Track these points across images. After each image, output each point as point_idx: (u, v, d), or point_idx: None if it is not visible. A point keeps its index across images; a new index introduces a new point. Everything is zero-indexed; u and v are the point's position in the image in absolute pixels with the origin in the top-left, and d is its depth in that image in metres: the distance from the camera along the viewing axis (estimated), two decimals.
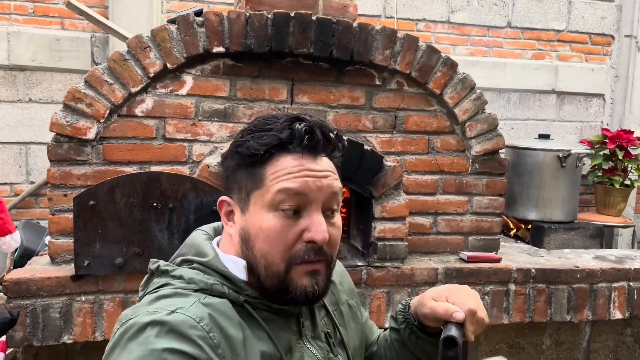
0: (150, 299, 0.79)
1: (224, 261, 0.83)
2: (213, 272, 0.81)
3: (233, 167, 0.83)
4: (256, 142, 0.80)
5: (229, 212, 0.85)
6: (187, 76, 1.87)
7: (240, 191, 0.82)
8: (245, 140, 0.81)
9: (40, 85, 3.23)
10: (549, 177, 2.48)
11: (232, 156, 0.84)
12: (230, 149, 0.84)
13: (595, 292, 2.11)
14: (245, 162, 0.82)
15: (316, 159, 0.81)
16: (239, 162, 0.82)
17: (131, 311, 0.78)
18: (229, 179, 0.85)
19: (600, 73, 4.04)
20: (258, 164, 0.81)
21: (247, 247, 0.82)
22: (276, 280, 0.80)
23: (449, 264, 2.04)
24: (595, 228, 2.53)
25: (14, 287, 1.67)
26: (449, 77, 2.04)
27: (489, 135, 2.11)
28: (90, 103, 1.78)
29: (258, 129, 0.81)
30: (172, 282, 0.81)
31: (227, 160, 0.84)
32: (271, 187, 0.79)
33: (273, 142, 0.79)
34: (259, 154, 0.80)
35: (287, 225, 0.79)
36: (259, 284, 0.82)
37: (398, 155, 2.07)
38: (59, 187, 1.79)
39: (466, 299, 0.86)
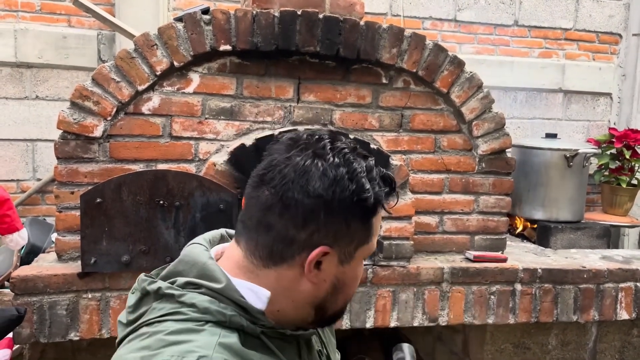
0: (160, 337, 0.70)
1: (239, 288, 0.77)
2: (227, 301, 0.75)
3: (348, 218, 0.76)
4: (375, 194, 0.77)
5: (318, 262, 0.78)
6: (193, 74, 1.87)
7: (349, 243, 0.79)
8: (366, 189, 0.76)
9: (47, 83, 3.24)
10: (555, 177, 2.47)
11: (350, 206, 0.76)
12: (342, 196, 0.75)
13: (602, 292, 2.10)
14: (366, 214, 0.78)
15: None
16: (359, 214, 0.77)
17: (138, 356, 0.69)
18: (337, 229, 0.77)
19: (607, 72, 4.01)
20: (372, 217, 0.79)
21: (333, 294, 0.81)
22: (336, 314, 0.84)
23: (455, 264, 2.03)
24: (602, 228, 2.51)
25: (21, 284, 1.67)
26: (456, 76, 2.03)
27: (495, 135, 2.10)
28: (97, 101, 1.78)
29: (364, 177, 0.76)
30: (183, 311, 0.73)
31: (338, 209, 0.75)
32: (372, 240, 0.81)
33: (383, 194, 0.78)
34: (378, 208, 0.78)
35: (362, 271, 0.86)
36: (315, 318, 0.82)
37: (404, 154, 2.07)
38: (66, 184, 1.80)
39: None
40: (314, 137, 0.79)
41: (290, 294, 0.79)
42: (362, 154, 0.79)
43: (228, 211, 1.79)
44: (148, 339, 0.70)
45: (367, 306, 1.95)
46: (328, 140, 0.79)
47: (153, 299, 0.76)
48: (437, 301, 2.00)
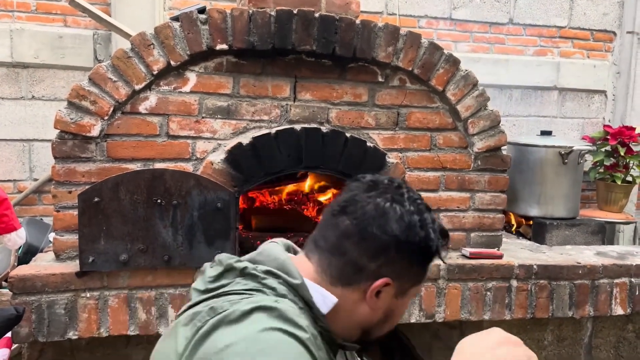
0: (246, 301, 0.78)
1: (310, 289, 0.86)
2: (299, 297, 0.85)
3: (413, 259, 0.88)
4: (437, 244, 0.90)
5: (378, 291, 0.88)
6: (190, 73, 1.88)
7: (407, 281, 0.90)
8: (432, 239, 0.88)
9: (43, 83, 3.24)
10: (551, 174, 2.49)
11: (417, 250, 0.88)
12: (413, 240, 0.87)
13: (597, 288, 2.12)
14: (426, 259, 0.91)
15: None
16: (422, 257, 0.90)
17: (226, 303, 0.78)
18: (402, 267, 0.88)
19: (602, 69, 4.04)
20: (430, 262, 0.92)
21: (382, 322, 0.92)
22: (376, 339, 0.95)
23: (451, 261, 2.04)
24: (597, 224, 2.53)
25: (19, 284, 1.68)
26: (452, 74, 2.04)
27: (491, 132, 2.12)
28: (94, 100, 1.78)
29: (431, 227, 0.89)
30: (265, 291, 0.82)
31: (407, 250, 0.87)
32: (421, 283, 0.94)
33: (442, 245, 0.92)
34: (437, 254, 0.90)
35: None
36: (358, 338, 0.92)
37: (400, 152, 2.08)
38: (63, 184, 1.80)
39: None
40: (393, 183, 0.92)
41: (348, 313, 0.89)
42: (427, 207, 0.92)
43: (225, 209, 1.80)
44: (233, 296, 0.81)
45: None
46: (405, 189, 0.92)
47: (237, 275, 0.86)
48: (433, 298, 2.02)
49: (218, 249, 1.80)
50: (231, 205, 1.81)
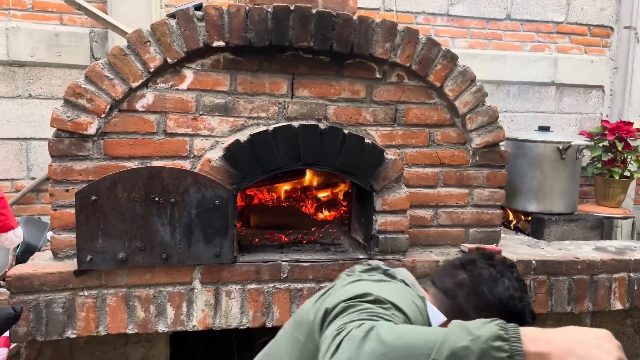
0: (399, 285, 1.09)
1: (427, 305, 1.06)
2: (419, 305, 1.03)
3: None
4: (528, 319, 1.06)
5: None
6: (187, 70, 1.87)
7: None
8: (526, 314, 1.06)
9: (39, 81, 3.23)
10: (549, 169, 2.49)
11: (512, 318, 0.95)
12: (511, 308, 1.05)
13: (595, 283, 2.12)
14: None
15: None
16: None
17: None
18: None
19: (599, 65, 4.04)
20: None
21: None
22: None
23: (450, 257, 2.04)
24: (595, 219, 2.53)
25: (17, 283, 1.67)
26: (449, 70, 2.04)
27: (489, 128, 2.12)
28: (90, 98, 1.78)
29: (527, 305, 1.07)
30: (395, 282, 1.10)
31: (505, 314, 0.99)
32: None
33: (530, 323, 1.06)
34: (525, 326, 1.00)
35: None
36: None
37: (399, 149, 2.08)
38: (60, 182, 1.80)
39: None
40: (507, 262, 1.13)
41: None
42: (527, 289, 1.11)
43: (223, 207, 1.80)
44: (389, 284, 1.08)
45: None
46: (516, 270, 1.12)
47: (381, 272, 1.14)
48: None
49: (216, 246, 1.80)
50: (229, 203, 1.80)
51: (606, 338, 0.79)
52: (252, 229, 2.26)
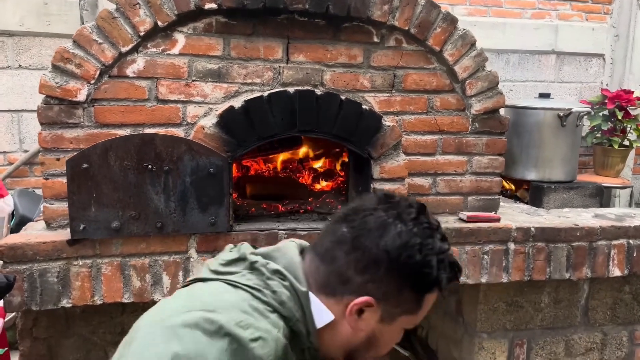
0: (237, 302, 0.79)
1: (312, 301, 0.84)
2: (299, 306, 0.83)
3: (404, 283, 0.82)
4: (438, 276, 0.83)
5: (360, 309, 0.84)
6: (179, 35, 1.81)
7: (396, 306, 0.84)
8: (432, 267, 0.82)
9: (29, 51, 3.16)
10: (549, 137, 2.45)
11: (410, 274, 0.82)
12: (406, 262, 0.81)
13: (594, 250, 2.11)
14: (421, 288, 0.84)
15: None
16: (415, 284, 0.83)
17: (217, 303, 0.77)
18: (390, 289, 0.82)
19: (600, 32, 3.97)
20: (426, 293, 0.85)
21: (365, 347, 0.87)
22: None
23: (448, 224, 2.02)
24: (594, 187, 2.51)
25: (10, 252, 1.65)
26: (449, 34, 1.98)
27: (489, 94, 2.07)
28: (79, 63, 1.72)
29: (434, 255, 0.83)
30: (265, 292, 0.82)
31: (397, 271, 0.82)
32: (419, 315, 0.88)
33: (445, 279, 0.84)
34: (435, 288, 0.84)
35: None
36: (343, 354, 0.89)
37: (397, 115, 2.04)
38: (51, 150, 1.76)
39: None
40: (406, 201, 0.87)
41: (331, 329, 0.85)
42: (442, 236, 0.86)
43: (218, 175, 1.76)
44: (228, 296, 0.80)
45: None
46: (416, 209, 0.85)
47: (246, 266, 0.86)
48: None
49: (212, 215, 1.77)
50: (224, 171, 1.77)
51: None
52: (249, 199, 2.23)
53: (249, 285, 0.82)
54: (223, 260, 0.88)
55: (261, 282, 0.82)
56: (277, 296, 0.81)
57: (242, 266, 0.86)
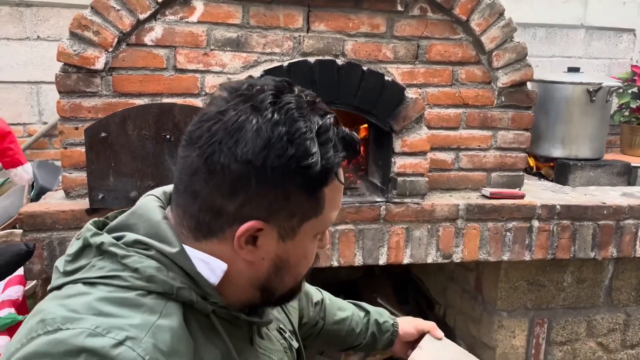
0: (90, 302, 0.62)
1: (192, 257, 0.68)
2: (177, 269, 0.66)
3: (287, 188, 0.65)
4: (326, 161, 0.65)
5: (251, 237, 0.68)
6: (197, 2, 1.77)
7: (290, 217, 0.68)
8: (311, 154, 0.64)
9: (47, 22, 3.14)
10: (577, 113, 2.37)
11: (289, 174, 0.64)
12: (277, 163, 0.63)
13: (621, 229, 2.05)
14: (310, 185, 0.66)
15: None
16: (301, 183, 0.65)
17: (62, 315, 0.60)
18: (272, 201, 0.66)
19: (631, 6, 3.81)
20: (321, 188, 0.68)
21: (277, 275, 0.72)
22: (287, 293, 0.77)
23: (470, 200, 1.98)
24: (622, 165, 2.43)
25: (29, 221, 1.65)
26: (477, 2, 1.91)
27: (517, 66, 2.00)
28: (97, 31, 1.69)
29: (311, 139, 0.64)
30: (124, 276, 0.64)
31: (272, 177, 0.64)
32: (324, 214, 0.70)
33: (338, 161, 0.67)
34: (329, 177, 0.67)
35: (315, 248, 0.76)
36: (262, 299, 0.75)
37: (420, 88, 1.98)
38: (69, 119, 1.74)
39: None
40: (255, 87, 0.67)
41: (231, 273, 0.70)
42: (320, 111, 0.67)
43: None
44: (79, 299, 0.62)
45: (381, 243, 1.92)
46: (271, 92, 0.65)
47: (95, 253, 0.67)
48: (451, 238, 1.96)
49: None
50: None
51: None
52: None
53: (102, 276, 0.64)
54: (69, 255, 0.69)
55: (117, 266, 0.65)
56: (141, 274, 0.64)
57: (90, 255, 0.67)
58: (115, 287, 0.63)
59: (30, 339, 0.59)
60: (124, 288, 0.63)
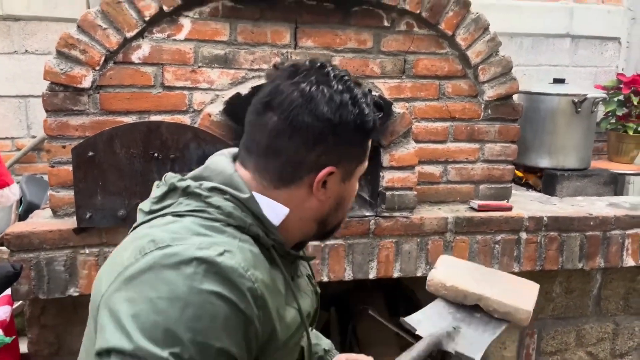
0: (188, 226, 0.77)
1: (260, 202, 0.84)
2: (248, 212, 0.82)
3: (352, 139, 0.85)
4: (373, 118, 0.87)
5: (323, 181, 0.85)
6: (184, 19, 1.77)
7: (351, 163, 0.88)
8: (367, 114, 0.85)
9: (35, 36, 3.13)
10: (563, 123, 2.40)
11: (353, 129, 0.84)
12: (347, 120, 0.83)
13: (608, 239, 2.07)
14: (365, 136, 0.88)
15: None
16: (360, 136, 0.86)
17: (169, 236, 0.75)
18: (342, 151, 0.85)
19: (616, 15, 3.86)
20: (368, 139, 0.90)
21: (336, 210, 0.90)
22: (336, 226, 0.96)
23: (459, 213, 1.99)
24: (609, 175, 2.46)
25: (16, 241, 1.64)
26: (462, 17, 1.93)
27: (502, 79, 2.02)
28: (84, 49, 1.69)
29: (364, 102, 0.85)
30: (209, 211, 0.79)
31: (343, 132, 0.83)
32: (366, 159, 0.92)
33: (377, 119, 0.88)
34: (375, 129, 0.87)
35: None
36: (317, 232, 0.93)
37: (407, 102, 1.99)
38: (56, 138, 1.74)
39: None
40: (315, 64, 0.86)
41: (298, 211, 0.87)
42: (357, 82, 0.88)
43: None
44: (176, 225, 0.77)
45: (370, 257, 1.93)
46: (330, 68, 0.85)
47: (180, 195, 0.82)
48: (440, 251, 1.97)
49: None
50: None
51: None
52: None
53: (191, 210, 0.80)
54: (154, 198, 0.85)
55: (202, 203, 0.80)
56: (222, 210, 0.79)
57: (175, 196, 0.82)
58: (202, 219, 0.78)
59: (145, 254, 0.73)
60: (210, 219, 0.79)
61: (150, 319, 0.68)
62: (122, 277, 0.72)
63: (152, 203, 0.84)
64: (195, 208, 0.79)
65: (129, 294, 0.70)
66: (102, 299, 0.74)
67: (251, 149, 0.86)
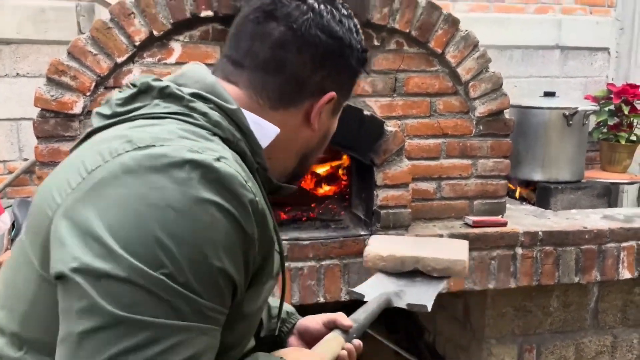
0: (171, 129, 0.62)
1: (249, 120, 0.71)
2: (234, 125, 0.69)
3: (354, 68, 0.79)
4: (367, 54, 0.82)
5: (321, 112, 0.78)
6: (175, 43, 1.78)
7: (344, 94, 0.81)
8: (366, 46, 0.80)
9: (27, 59, 3.13)
10: (554, 136, 2.41)
11: (358, 57, 0.78)
12: (356, 46, 0.77)
13: (603, 252, 2.07)
14: (361, 67, 0.81)
15: None
16: (359, 65, 0.80)
17: (149, 136, 0.60)
18: (344, 77, 0.79)
19: (604, 26, 3.90)
20: (360, 74, 0.83)
21: (318, 145, 0.83)
22: (309, 167, 0.88)
23: (454, 230, 1.99)
24: (602, 187, 2.47)
25: None
26: (451, 35, 1.94)
27: (493, 95, 2.03)
28: (74, 75, 1.69)
29: (360, 32, 0.80)
30: (194, 116, 0.66)
31: (351, 57, 0.77)
32: (349, 99, 0.85)
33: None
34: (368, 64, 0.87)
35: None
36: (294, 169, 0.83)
37: (399, 120, 2.00)
38: (48, 164, 1.73)
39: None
40: None
41: (286, 139, 0.77)
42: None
43: None
44: (155, 128, 0.63)
45: (366, 277, 1.91)
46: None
47: (156, 96, 0.68)
48: None
49: None
50: None
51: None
52: None
53: (171, 112, 0.66)
54: (119, 99, 0.69)
55: (184, 108, 0.66)
56: (209, 118, 0.67)
57: (147, 99, 0.68)
58: (186, 123, 0.65)
59: (118, 155, 0.59)
60: (195, 125, 0.65)
61: (132, 232, 0.54)
62: (87, 184, 0.58)
63: (117, 105, 0.69)
64: (176, 111, 0.66)
65: (101, 202, 0.56)
66: (58, 212, 0.58)
67: (243, 62, 0.73)
